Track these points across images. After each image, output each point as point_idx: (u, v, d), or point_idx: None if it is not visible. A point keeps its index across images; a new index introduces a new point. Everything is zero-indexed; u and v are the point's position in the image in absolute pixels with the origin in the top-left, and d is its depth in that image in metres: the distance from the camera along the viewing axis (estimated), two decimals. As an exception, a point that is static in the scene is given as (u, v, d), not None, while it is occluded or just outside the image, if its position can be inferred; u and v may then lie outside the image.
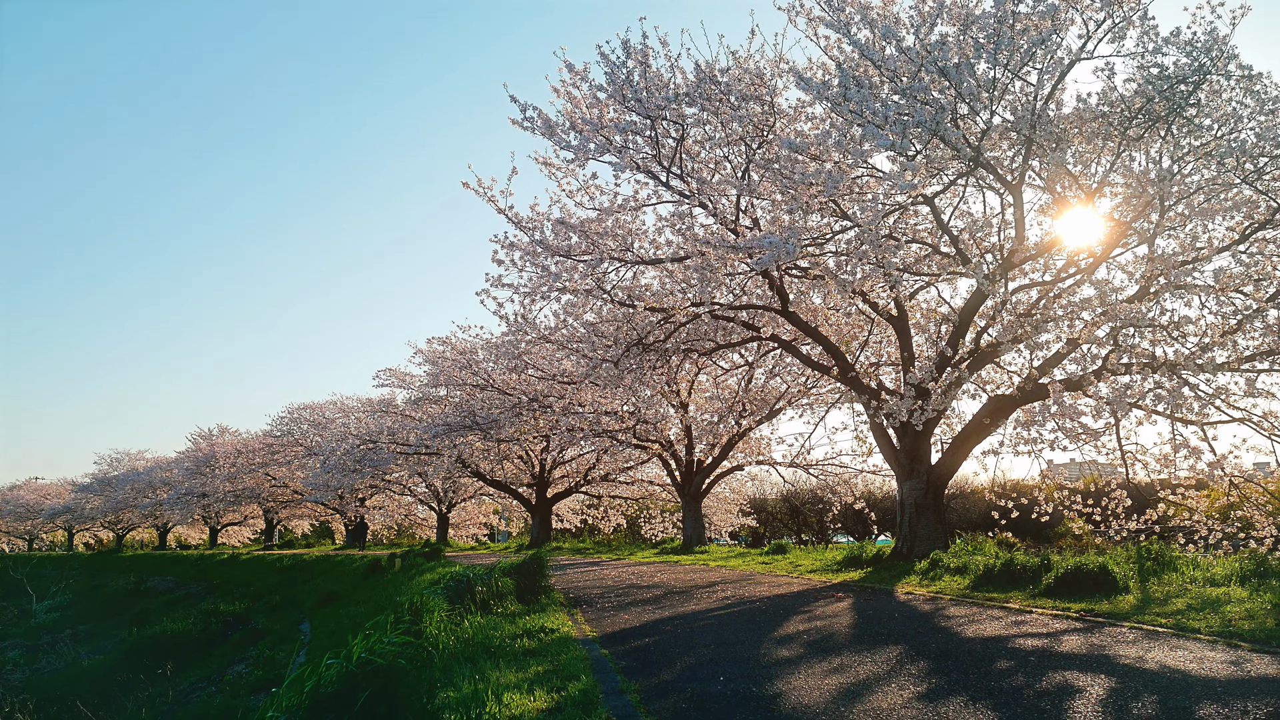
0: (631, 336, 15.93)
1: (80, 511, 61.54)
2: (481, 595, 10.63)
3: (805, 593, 11.58)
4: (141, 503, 53.90)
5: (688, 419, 23.29)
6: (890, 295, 14.62)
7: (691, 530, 24.22)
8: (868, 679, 6.26)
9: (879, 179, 12.88)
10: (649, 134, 13.63)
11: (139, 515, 58.03)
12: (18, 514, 71.78)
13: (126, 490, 54.24)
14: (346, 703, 3.73)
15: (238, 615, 23.59)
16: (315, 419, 42.82)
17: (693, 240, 13.55)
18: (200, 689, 16.20)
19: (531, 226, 14.76)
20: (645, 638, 8.71)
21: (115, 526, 64.22)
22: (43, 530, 75.35)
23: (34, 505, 69.73)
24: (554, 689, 6.25)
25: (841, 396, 18.53)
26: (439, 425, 26.80)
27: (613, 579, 15.15)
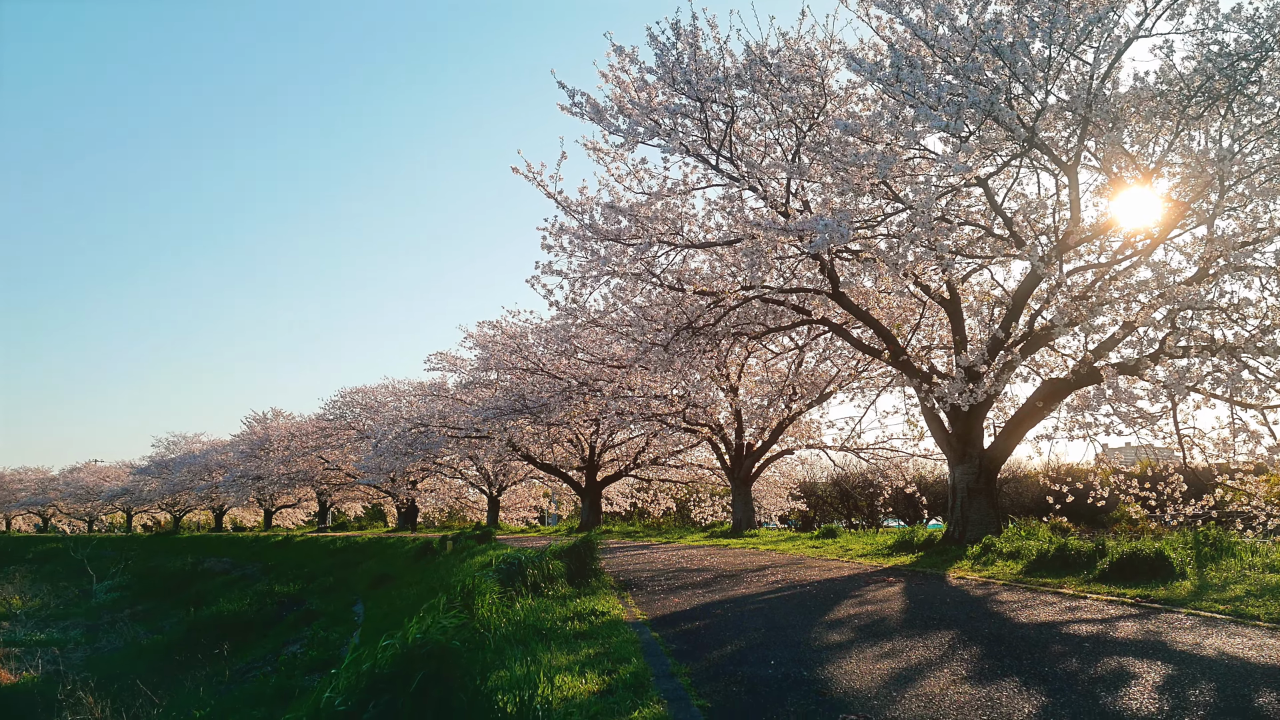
0: (681, 320, 15.91)
1: (138, 493, 62.63)
2: (533, 578, 10.70)
3: (856, 577, 11.54)
4: (198, 485, 54.75)
5: (737, 403, 23.24)
6: (942, 278, 14.48)
7: (741, 514, 24.20)
8: (919, 664, 6.23)
9: (931, 160, 12.74)
10: (698, 117, 13.57)
11: (195, 497, 58.93)
12: (78, 496, 73.18)
13: (183, 473, 55.12)
14: (401, 684, 3.77)
15: (292, 596, 23.93)
16: (367, 402, 43.26)
17: (743, 223, 13.50)
18: (256, 669, 16.45)
19: (581, 211, 14.78)
20: (695, 621, 8.73)
21: (172, 508, 65.29)
22: (102, 512, 76.75)
23: (93, 487, 71.04)
24: (605, 671, 6.28)
25: (893, 380, 18.41)
26: (489, 409, 26.96)
27: (662, 562, 15.18)
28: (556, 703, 5.16)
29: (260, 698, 12.78)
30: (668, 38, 13.25)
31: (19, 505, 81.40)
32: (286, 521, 58.29)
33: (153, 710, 14.27)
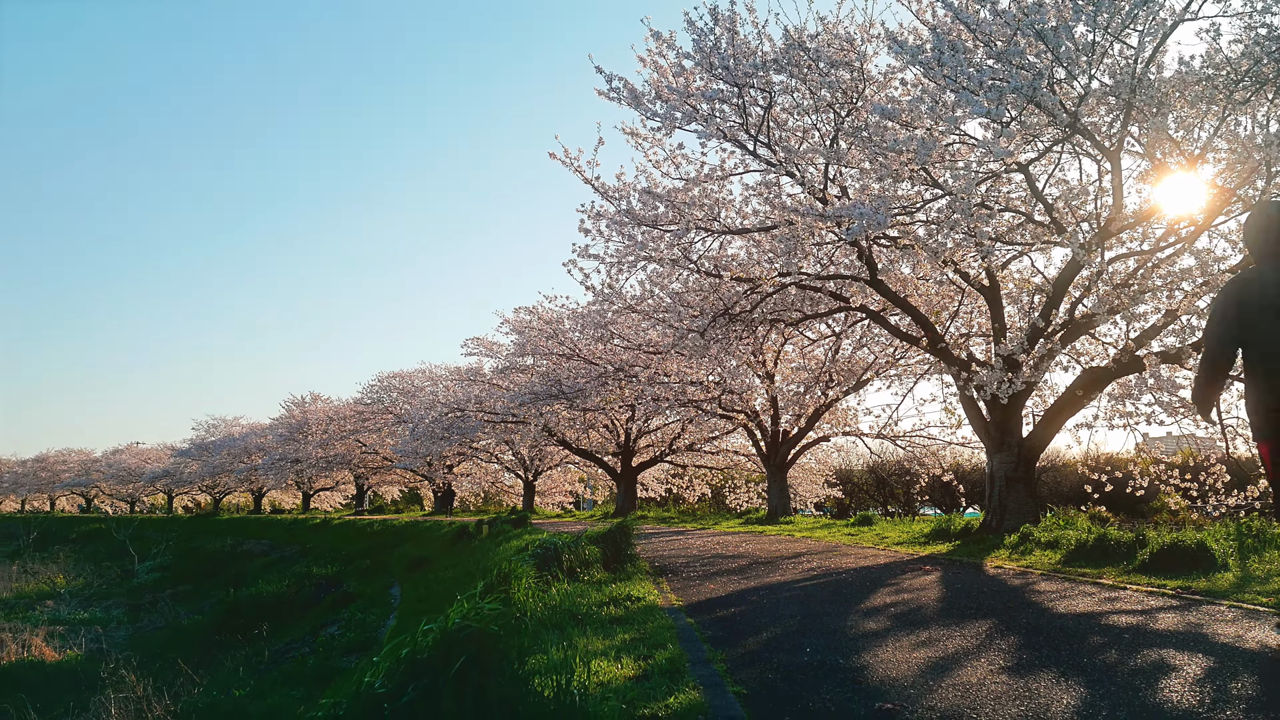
0: (718, 306, 15.89)
1: (179, 475, 63.40)
2: (568, 563, 10.74)
3: (892, 565, 11.49)
4: (237, 467, 55.36)
5: (773, 389, 23.17)
6: (982, 265, 14.35)
7: (776, 501, 24.17)
8: (956, 653, 6.20)
9: (972, 146, 12.62)
10: (736, 102, 13.51)
11: (235, 480, 59.57)
12: (120, 477, 74.18)
13: (223, 455, 55.75)
14: (441, 668, 3.80)
15: (330, 578, 24.17)
16: (404, 387, 43.55)
17: (780, 209, 13.45)
18: (295, 649, 16.63)
19: (618, 196, 14.79)
20: (731, 607, 8.73)
21: (212, 490, 66.02)
22: (143, 493, 77.77)
23: (135, 469, 71.97)
24: (641, 657, 6.30)
25: (930, 368, 18.30)
26: (526, 394, 27.06)
27: (698, 548, 15.19)
28: (593, 687, 5.19)
29: (299, 678, 12.92)
30: (705, 23, 13.20)
31: (63, 486, 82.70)
32: (324, 504, 58.80)
33: (193, 689, 14.46)
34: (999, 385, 13.03)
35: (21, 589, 35.16)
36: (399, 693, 3.85)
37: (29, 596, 33.03)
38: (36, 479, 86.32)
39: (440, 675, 3.83)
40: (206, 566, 36.74)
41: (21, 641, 21.19)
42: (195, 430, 65.71)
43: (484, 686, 3.85)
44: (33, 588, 35.47)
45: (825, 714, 4.93)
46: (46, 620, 26.00)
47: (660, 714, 4.91)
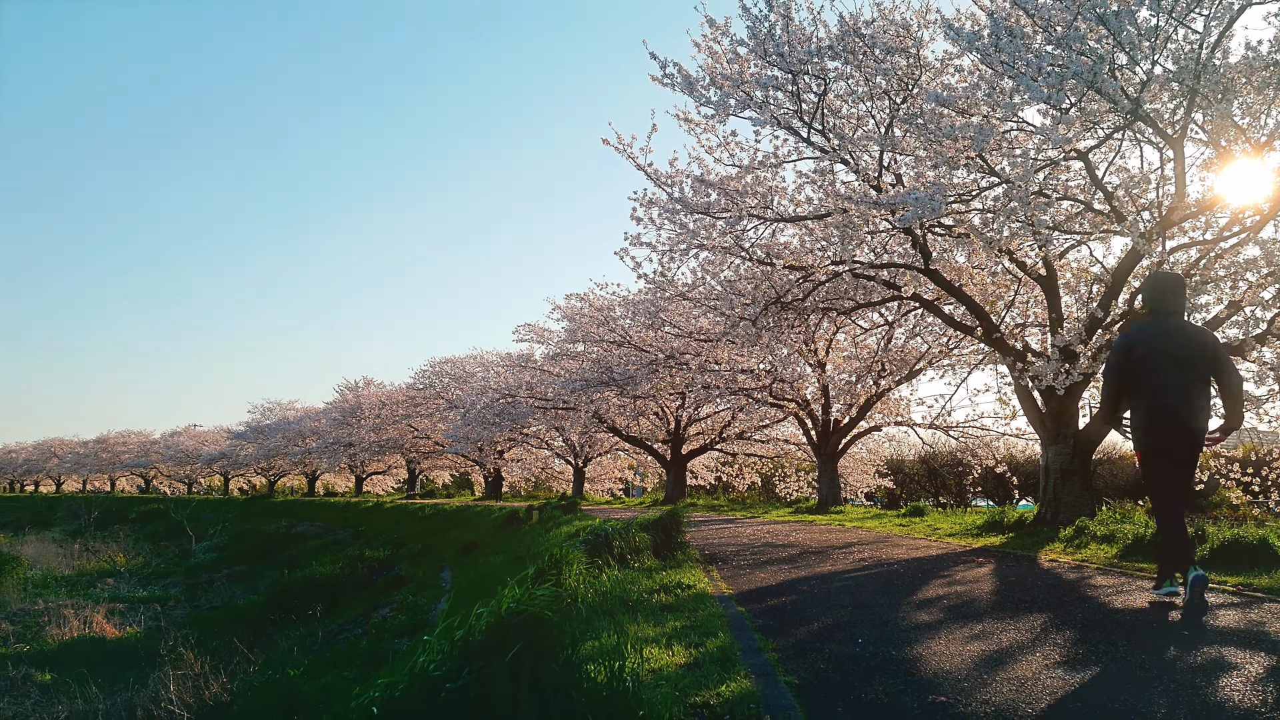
0: (770, 295, 15.82)
1: (235, 458, 64.34)
2: (619, 549, 10.77)
3: (944, 557, 11.40)
4: (292, 450, 56.07)
5: (825, 378, 23.05)
6: (1039, 254, 14.15)
7: (827, 490, 24.06)
8: (1010, 647, 6.14)
9: (1029, 133, 12.44)
10: (790, 89, 13.43)
11: (289, 463, 60.33)
12: (178, 459, 75.44)
13: (278, 438, 56.49)
14: (495, 651, 3.82)
15: (382, 561, 24.43)
16: (456, 373, 43.82)
17: (834, 197, 13.35)
18: (347, 631, 16.84)
19: (670, 183, 14.76)
20: (781, 597, 8.71)
21: (267, 473, 66.91)
22: (200, 475, 79.01)
23: (192, 451, 73.14)
24: (692, 645, 6.30)
25: (985, 358, 18.11)
26: (576, 381, 27.13)
27: (747, 537, 15.17)
28: (644, 674, 5.20)
29: (352, 659, 13.08)
30: (760, 9, 13.12)
31: (123, 467, 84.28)
32: (376, 488, 59.41)
33: (249, 668, 14.69)
34: (1055, 376, 12.86)
35: (83, 567, 35.91)
36: (454, 675, 3.88)
37: (90, 574, 33.73)
38: (97, 460, 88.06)
39: (494, 659, 3.85)
40: (261, 547, 37.27)
41: (83, 618, 21.64)
42: (251, 413, 66.70)
43: (538, 671, 3.87)
44: (94, 566, 36.21)
45: (878, 706, 4.90)
46: (107, 598, 26.53)
47: (712, 702, 4.91)
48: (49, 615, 22.40)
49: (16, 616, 22.96)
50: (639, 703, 4.05)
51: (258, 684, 12.51)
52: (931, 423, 23.62)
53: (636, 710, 4.01)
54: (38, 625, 21.41)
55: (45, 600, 25.28)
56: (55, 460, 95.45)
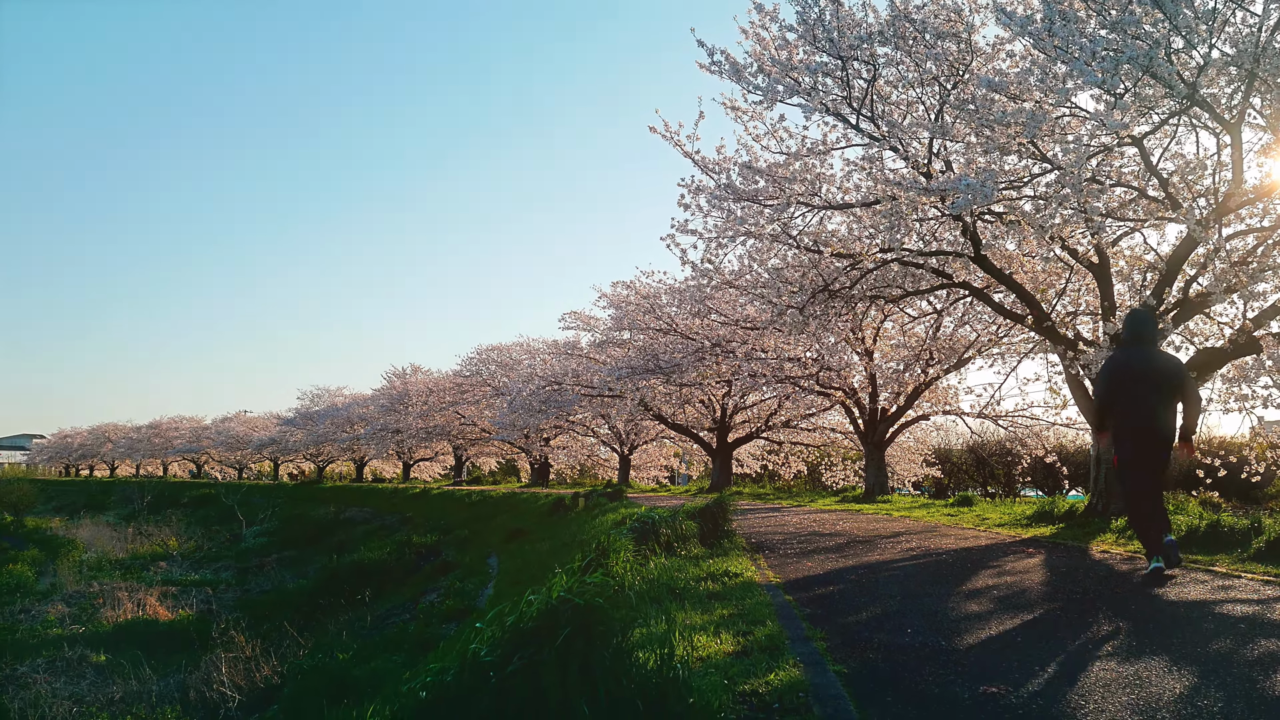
0: (817, 282, 15.73)
1: (284, 444, 65.06)
2: (666, 537, 10.78)
3: (993, 547, 11.31)
4: (340, 437, 56.59)
5: (872, 367, 22.90)
6: (1091, 241, 13.95)
7: (874, 479, 23.93)
8: (1062, 638, 6.09)
9: (1082, 119, 12.26)
10: (839, 75, 13.32)
11: (338, 449, 60.88)
12: (229, 444, 76.45)
13: (327, 425, 57.01)
14: (546, 637, 3.84)
15: (429, 547, 24.62)
16: (503, 360, 43.98)
17: (883, 184, 13.24)
18: (395, 616, 17.00)
19: (717, 171, 14.71)
20: (829, 586, 8.69)
21: (316, 459, 67.59)
22: (251, 460, 79.96)
23: (243, 437, 74.07)
24: (740, 633, 6.31)
25: (1035, 346, 17.90)
26: (622, 368, 27.16)
27: (794, 525, 15.14)
28: (693, 661, 5.21)
29: (400, 643, 13.21)
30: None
31: (175, 452, 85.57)
32: (424, 474, 59.83)
33: (299, 651, 14.89)
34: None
35: (136, 550, 36.56)
36: (504, 661, 3.90)
37: (144, 557, 34.34)
38: (150, 445, 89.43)
39: (545, 645, 3.88)
40: (310, 532, 37.69)
41: (137, 600, 22.05)
42: (300, 400, 67.29)
43: (588, 657, 3.89)
44: (147, 549, 36.86)
45: (929, 696, 4.88)
46: (160, 581, 27.02)
47: (761, 690, 4.91)
48: (104, 597, 22.87)
49: (73, 598, 23.47)
50: (689, 690, 4.06)
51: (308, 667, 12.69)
52: (980, 412, 23.38)
53: (687, 697, 4.02)
54: (93, 607, 21.87)
55: (100, 583, 25.81)
56: (109, 445, 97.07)
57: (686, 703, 4.00)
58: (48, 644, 17.74)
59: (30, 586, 27.34)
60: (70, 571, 29.44)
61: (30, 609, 22.54)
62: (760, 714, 4.57)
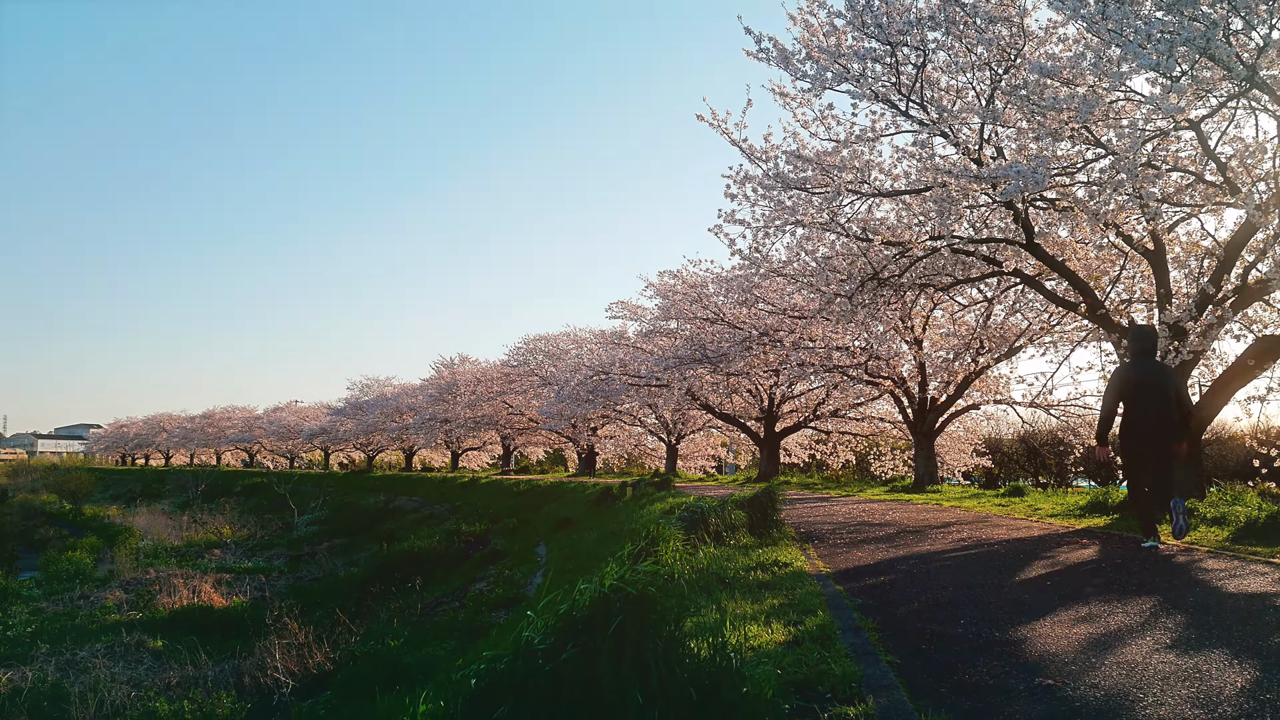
0: (866, 271, 15.62)
1: (334, 433, 65.71)
2: (715, 526, 10.77)
3: (1046, 538, 11.18)
4: (389, 426, 57.03)
5: (921, 355, 22.71)
6: (1146, 228, 13.73)
7: (923, 469, 23.75)
8: (1118, 630, 6.01)
9: (1137, 103, 12.06)
10: (888, 61, 13.20)
11: (387, 438, 61.33)
12: (280, 434, 77.37)
13: (376, 414, 57.49)
14: (599, 625, 3.85)
15: (478, 536, 24.74)
16: (550, 350, 44.07)
17: (932, 171, 13.11)
18: (445, 603, 17.12)
19: (765, 159, 14.63)
20: (879, 576, 8.64)
21: (366, 448, 68.16)
22: (302, 450, 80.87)
23: (294, 426, 74.93)
24: (790, 622, 6.29)
25: (1088, 335, 17.67)
26: (669, 358, 27.14)
27: (843, 515, 15.06)
28: (745, 651, 5.20)
29: (450, 631, 13.31)
30: (858, -21, 12.90)
31: (228, 441, 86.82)
32: (472, 464, 60.16)
33: (350, 638, 15.04)
34: (1164, 354, 12.49)
35: (191, 538, 37.13)
36: (558, 649, 3.92)
37: (198, 545, 34.87)
38: (204, 434, 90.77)
39: (598, 634, 3.88)
40: (360, 521, 38.04)
41: (192, 587, 22.39)
42: (350, 390, 67.90)
43: (641, 646, 3.89)
44: (201, 537, 37.43)
45: (983, 687, 4.84)
46: (214, 568, 27.42)
47: (813, 680, 4.90)
48: (160, 584, 23.23)
49: (130, 585, 23.86)
50: (742, 679, 4.06)
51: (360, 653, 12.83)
52: (1032, 401, 23.13)
53: (740, 686, 4.01)
54: (149, 594, 22.23)
55: (156, 570, 26.24)
56: (164, 434, 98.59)
57: (740, 692, 3.99)
58: (106, 629, 18.07)
59: (89, 573, 27.87)
60: (127, 559, 29.96)
61: (89, 595, 22.95)
62: (813, 704, 4.55)
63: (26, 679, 13.40)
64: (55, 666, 14.86)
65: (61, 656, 15.73)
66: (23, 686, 12.88)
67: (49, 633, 17.63)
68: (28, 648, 16.58)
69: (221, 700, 12.19)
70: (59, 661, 15.31)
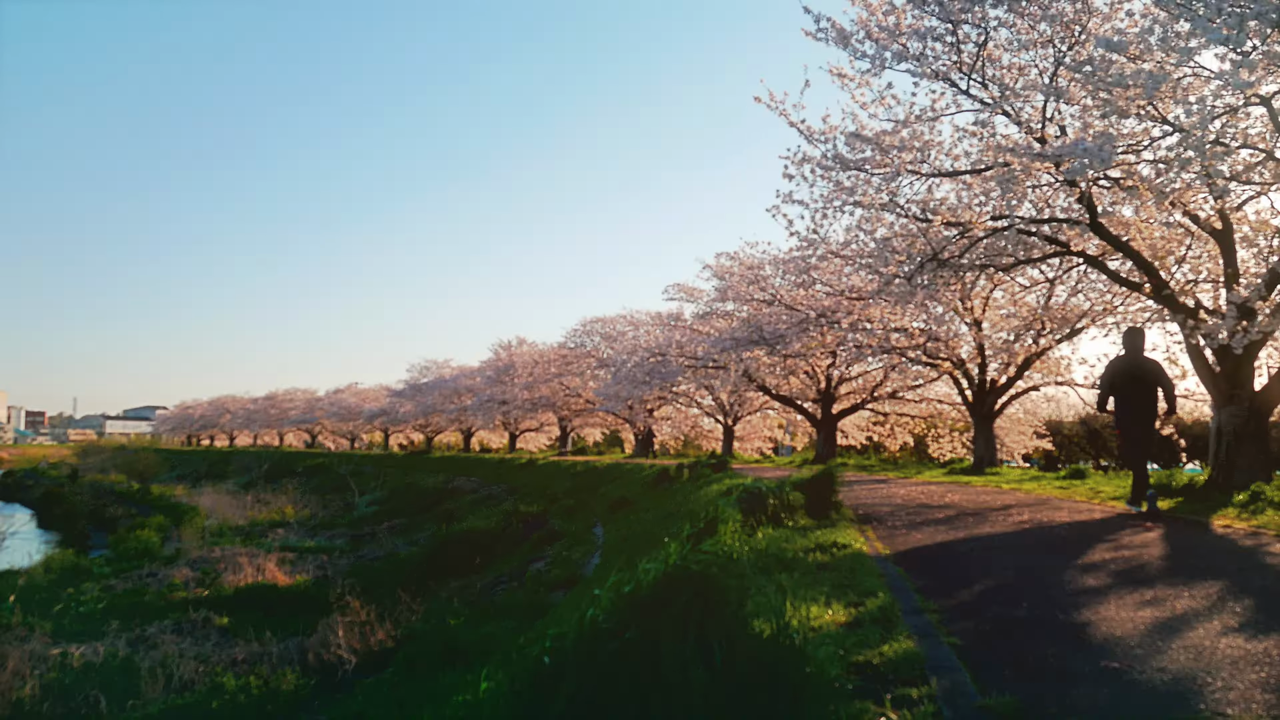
0: (925, 251, 15.48)
1: (394, 414, 66.47)
2: (773, 508, 10.76)
3: (1109, 521, 11.05)
4: (448, 408, 57.55)
5: (981, 337, 22.49)
6: (1214, 206, 13.46)
7: (982, 451, 23.53)
8: (1184, 614, 5.94)
9: (1206, 79, 11.82)
10: (949, 39, 13.05)
11: (446, 419, 61.86)
12: (341, 415, 78.45)
13: (435, 396, 58.04)
14: (662, 605, 3.89)
15: (535, 516, 24.89)
16: (607, 332, 44.18)
17: (994, 150, 12.96)
18: (504, 583, 17.27)
19: (823, 140, 14.54)
20: (940, 558, 8.61)
21: (425, 429, 68.80)
22: (362, 431, 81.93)
23: (354, 408, 75.94)
24: (851, 604, 6.28)
25: (1152, 315, 17.39)
26: (726, 339, 27.12)
27: (901, 497, 14.98)
28: (806, 632, 5.22)
29: (509, 610, 13.42)
30: (918, -43, 12.76)
31: (290, 423, 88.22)
32: (529, 445, 60.51)
33: (411, 616, 15.23)
34: (1231, 335, 12.26)
35: (255, 518, 37.81)
36: (621, 628, 3.96)
37: (262, 524, 35.50)
38: (266, 416, 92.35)
39: (662, 613, 3.92)
40: (420, 501, 38.42)
41: (256, 566, 22.78)
42: (409, 372, 68.61)
43: (704, 626, 3.92)
44: (265, 517, 38.09)
45: (1047, 670, 4.82)
46: (278, 547, 27.87)
47: (875, 662, 4.90)
48: (225, 563, 23.68)
49: (196, 563, 24.37)
50: (805, 659, 4.07)
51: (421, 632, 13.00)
52: (1094, 383, 22.81)
53: (803, 666, 4.03)
54: (215, 572, 22.67)
55: (221, 548, 26.76)
56: (228, 416, 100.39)
57: (803, 672, 4.01)
58: (174, 606, 18.46)
59: (157, 551, 28.50)
60: (193, 537, 30.58)
61: (157, 573, 23.46)
62: (875, 685, 4.56)
63: (99, 654, 13.74)
64: (126, 642, 15.21)
65: (131, 632, 16.10)
66: (95, 661, 13.21)
67: (119, 609, 18.06)
68: (99, 624, 17.00)
69: (286, 676, 12.41)
70: (129, 637, 15.67)
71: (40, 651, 13.63)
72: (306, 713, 11.49)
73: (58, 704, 11.18)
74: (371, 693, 10.68)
